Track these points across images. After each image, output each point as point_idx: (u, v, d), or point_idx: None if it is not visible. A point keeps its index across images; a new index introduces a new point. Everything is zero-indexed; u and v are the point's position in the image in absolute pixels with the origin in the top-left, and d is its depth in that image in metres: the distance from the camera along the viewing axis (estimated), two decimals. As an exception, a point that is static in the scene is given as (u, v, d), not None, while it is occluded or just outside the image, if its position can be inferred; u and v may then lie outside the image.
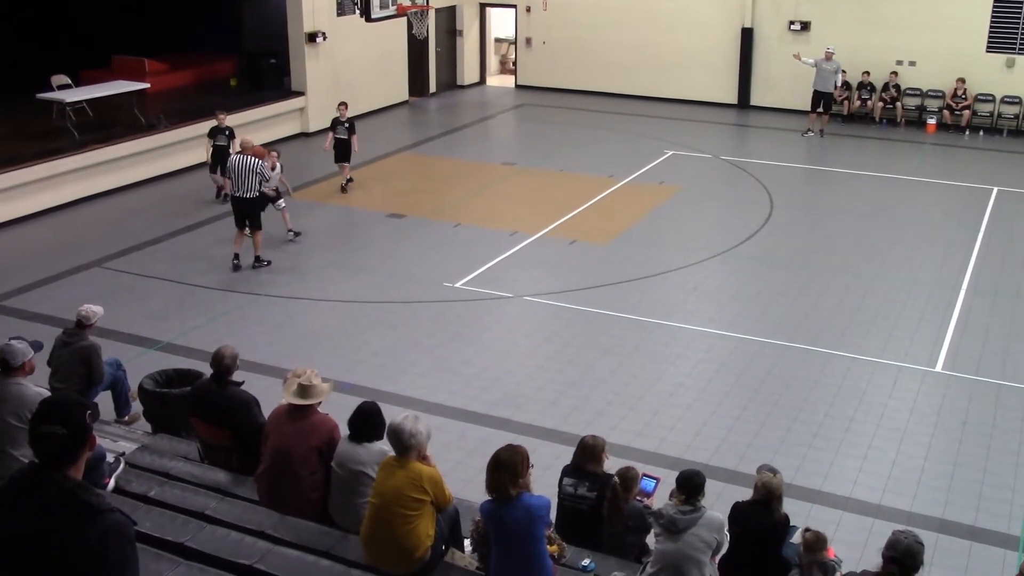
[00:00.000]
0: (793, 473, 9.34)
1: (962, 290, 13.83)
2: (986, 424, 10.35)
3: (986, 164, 20.83)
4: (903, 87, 23.90)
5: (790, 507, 8.32)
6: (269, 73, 22.37)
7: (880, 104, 23.88)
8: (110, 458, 7.22)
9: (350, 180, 18.14)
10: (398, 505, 6.06)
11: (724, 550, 6.55)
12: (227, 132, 17.11)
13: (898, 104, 23.75)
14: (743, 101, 25.57)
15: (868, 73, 23.86)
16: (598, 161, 20.35)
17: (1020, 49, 22.93)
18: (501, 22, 29.09)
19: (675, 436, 10.05)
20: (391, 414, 6.52)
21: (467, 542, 6.64)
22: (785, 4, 24.58)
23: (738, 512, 6.74)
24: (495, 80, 29.32)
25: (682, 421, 10.35)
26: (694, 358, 11.86)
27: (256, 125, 20.79)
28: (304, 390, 6.78)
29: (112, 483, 6.99)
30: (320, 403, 6.98)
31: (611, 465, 7.33)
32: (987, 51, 23.17)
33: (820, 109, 22.60)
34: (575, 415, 10.44)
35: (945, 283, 14.05)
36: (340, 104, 18.11)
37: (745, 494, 7.12)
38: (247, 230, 14.31)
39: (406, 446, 6.12)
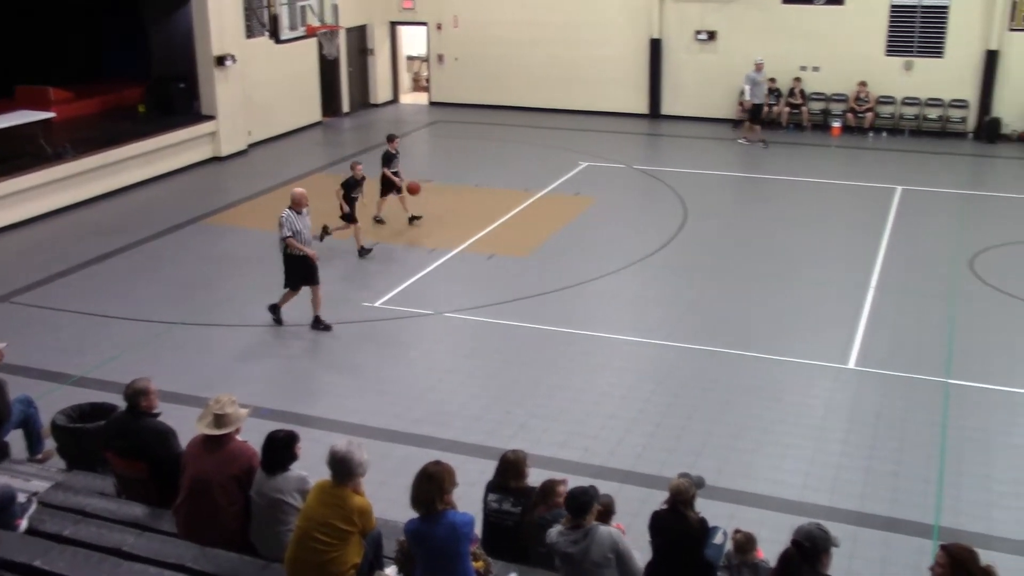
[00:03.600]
0: (716, 475, 9.47)
1: (871, 288, 14.20)
2: (898, 417, 10.63)
3: (890, 164, 21.43)
4: (808, 92, 24.51)
5: (715, 509, 8.48)
6: (178, 98, 22.04)
7: (787, 109, 24.44)
8: (22, 498, 7.03)
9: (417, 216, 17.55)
10: (324, 533, 6.02)
11: (634, 560, 6.54)
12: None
13: (804, 109, 24.33)
14: (654, 111, 25.96)
15: (774, 80, 24.37)
16: (514, 175, 20.47)
17: (917, 52, 23.67)
18: (412, 40, 29.08)
19: (598, 445, 10.13)
20: (314, 438, 6.49)
21: (390, 570, 6.58)
22: (691, 14, 25.04)
23: (655, 521, 6.81)
24: (408, 98, 29.31)
25: (605, 430, 10.44)
26: (615, 366, 11.98)
27: (167, 151, 20.51)
28: (219, 419, 6.68)
29: (24, 524, 6.81)
30: (238, 430, 6.88)
31: (536, 478, 7.36)
32: (886, 55, 23.89)
33: (752, 120, 23.11)
34: (499, 429, 10.46)
35: (854, 282, 14.41)
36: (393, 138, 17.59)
37: (669, 499, 7.19)
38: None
39: (350, 474, 6.09)
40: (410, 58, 29.95)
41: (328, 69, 25.36)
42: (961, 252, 15.64)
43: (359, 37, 27.08)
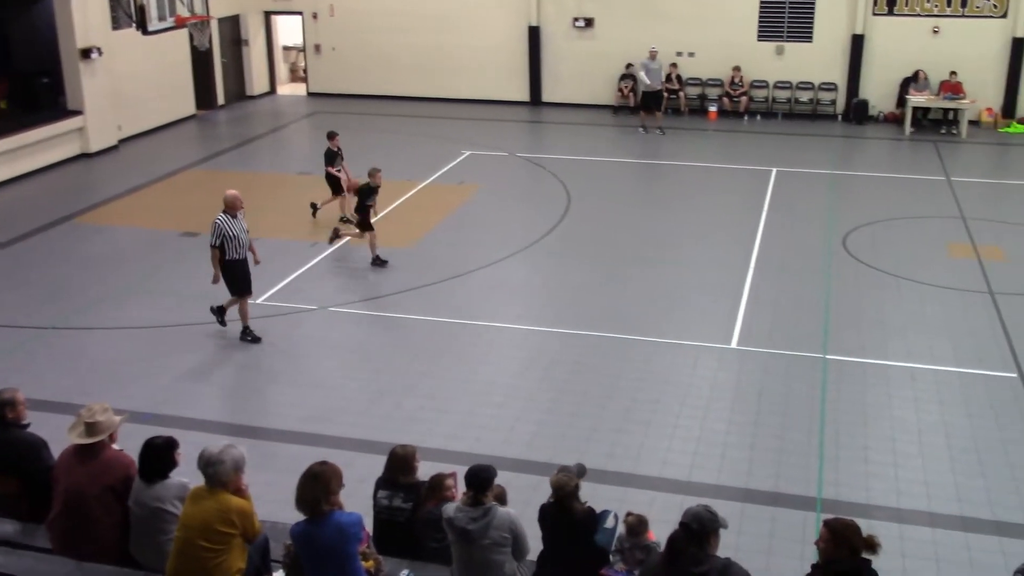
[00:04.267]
0: (606, 460, 9.57)
1: (750, 268, 14.52)
2: (780, 394, 10.89)
3: (765, 147, 21.96)
4: (684, 77, 24.92)
5: (606, 493, 8.56)
6: (42, 93, 21.14)
7: (664, 95, 24.77)
8: None
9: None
10: (204, 539, 5.83)
11: (526, 540, 6.54)
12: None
13: (681, 94, 24.75)
14: (535, 98, 26.06)
15: (675, 65, 24.69)
16: (397, 165, 20.23)
17: (787, 37, 24.29)
18: (288, 29, 28.53)
19: (489, 435, 10.10)
20: (196, 442, 6.27)
21: (278, 574, 6.42)
22: (568, 1, 25.18)
23: (543, 513, 6.81)
24: (286, 89, 28.77)
25: (495, 419, 10.42)
26: (503, 355, 11.97)
27: (32, 148, 19.67)
28: (90, 428, 6.40)
29: None
30: (112, 438, 6.61)
31: (426, 471, 7.28)
32: (758, 40, 24.45)
33: (646, 108, 23.11)
34: (387, 424, 10.33)
35: (734, 263, 14.72)
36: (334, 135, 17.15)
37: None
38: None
39: (211, 476, 5.90)
40: (286, 48, 29.41)
41: (201, 61, 24.66)
42: (834, 230, 16.14)
43: (232, 27, 26.40)
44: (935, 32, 23.51)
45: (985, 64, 23.41)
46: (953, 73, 23.06)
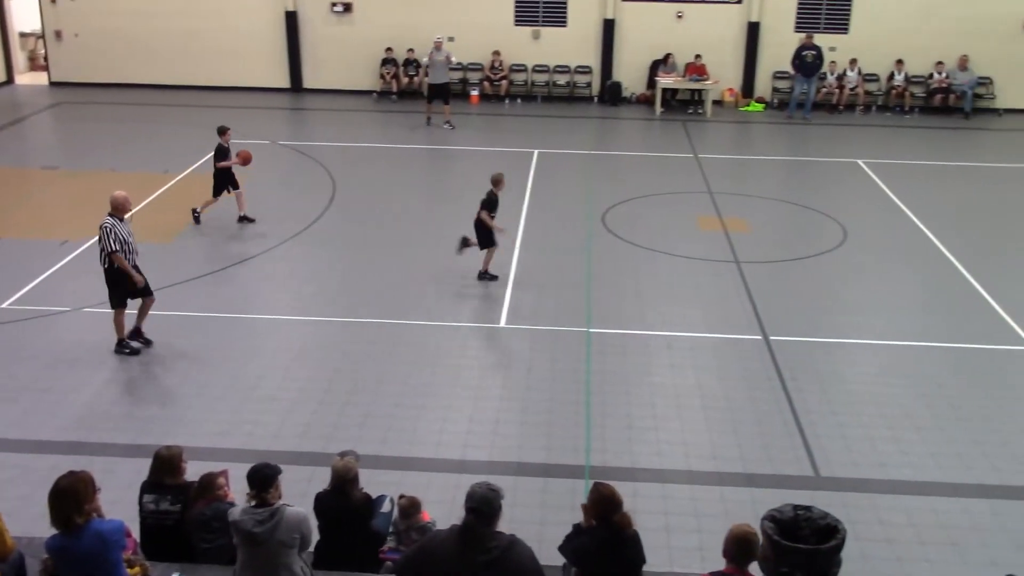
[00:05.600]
0: (380, 445, 9.60)
1: (516, 248, 14.89)
2: (547, 369, 11.25)
3: (526, 129, 22.52)
4: (446, 62, 25.12)
5: (382, 478, 8.60)
6: None
7: (427, 79, 24.89)
8: None
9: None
10: (-50, 560, 5.46)
11: (314, 538, 6.55)
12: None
13: (443, 78, 24.92)
14: (296, 85, 25.61)
15: (412, 50, 24.81)
16: (151, 157, 19.46)
17: (543, 22, 24.96)
18: (24, 13, 26.68)
19: (261, 430, 9.91)
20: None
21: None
22: (325, -14, 24.88)
23: (320, 502, 6.79)
24: (25, 78, 26.97)
25: (266, 413, 10.23)
26: (273, 347, 11.75)
27: None
28: None
29: None
30: None
31: (196, 471, 7.08)
32: (515, 24, 25.00)
33: (432, 99, 22.46)
34: (152, 426, 9.94)
35: (501, 243, 14.99)
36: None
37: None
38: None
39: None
40: (23, 35, 27.51)
41: (-75, 49, 22.75)
42: (594, 208, 16.78)
43: (-40, 12, 24.49)
44: (679, 17, 24.79)
45: (725, 47, 24.92)
46: (697, 56, 24.40)
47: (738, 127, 23.68)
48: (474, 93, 24.89)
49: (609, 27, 24.82)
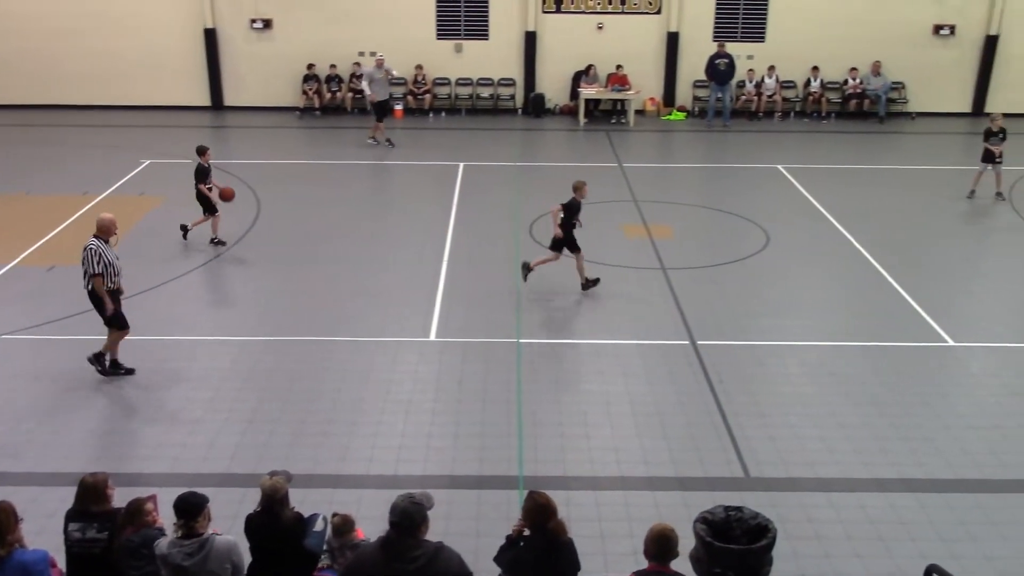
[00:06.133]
0: (312, 464, 9.51)
1: (444, 262, 14.88)
2: (479, 380, 11.24)
3: (451, 142, 22.53)
4: (368, 77, 25.05)
5: (313, 496, 8.52)
6: None
7: (350, 95, 24.84)
8: None
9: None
10: None
11: (244, 567, 6.46)
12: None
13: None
14: (217, 102, 25.30)
15: (335, 66, 24.70)
16: (68, 179, 19.06)
17: (465, 35, 25.03)
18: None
19: (188, 453, 9.75)
20: None
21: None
22: (245, 2, 24.62)
23: (250, 524, 6.70)
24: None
25: (193, 435, 10.06)
26: (198, 369, 11.56)
27: None
28: None
29: None
30: None
31: (123, 498, 6.93)
32: (437, 38, 25.02)
33: (379, 118, 22.11)
34: (77, 453, 9.72)
35: (429, 258, 15.03)
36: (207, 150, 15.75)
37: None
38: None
39: None
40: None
41: None
42: (521, 219, 16.84)
43: None
44: (600, 28, 25.05)
45: (646, 57, 25.24)
46: (619, 66, 24.67)
47: (661, 136, 23.99)
48: (398, 107, 24.84)
49: (531, 39, 24.98)
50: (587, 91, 24.56)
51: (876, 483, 9.34)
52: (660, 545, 5.79)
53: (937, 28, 25.03)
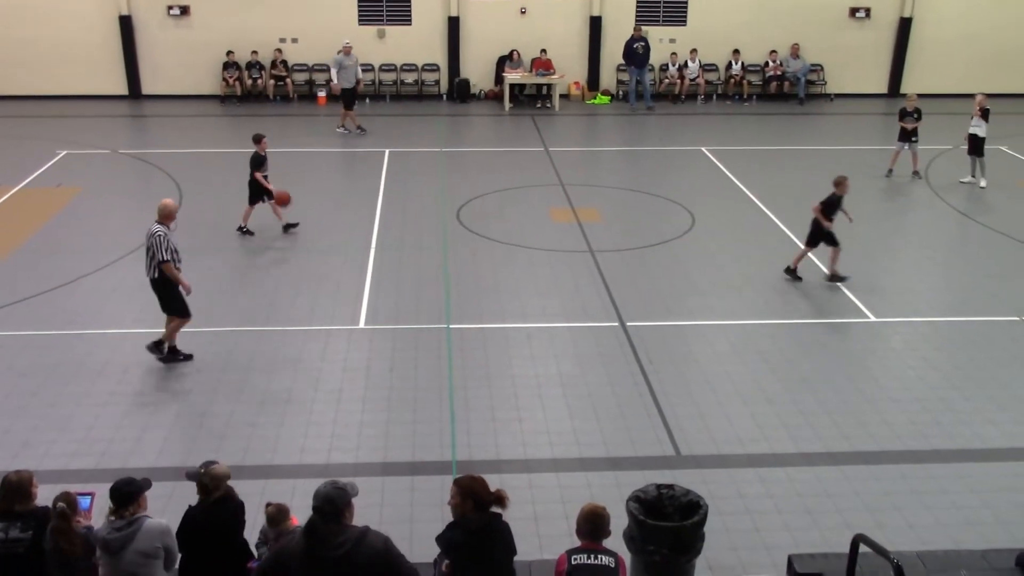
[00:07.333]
0: (243, 455, 9.39)
1: (372, 249, 14.78)
2: (409, 367, 11.20)
3: (376, 129, 22.34)
4: (291, 63, 24.74)
5: (246, 488, 8.37)
6: None
7: (272, 82, 24.49)
8: None
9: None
10: None
11: (176, 552, 6.36)
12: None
13: (288, 80, 24.56)
14: (134, 91, 24.76)
15: (256, 52, 24.34)
16: (-19, 171, 18.50)
17: (387, 21, 24.82)
18: None
19: (116, 447, 9.55)
20: None
21: None
22: (161, -12, 24.12)
23: (189, 517, 6.59)
24: None
25: (121, 430, 9.86)
26: (122, 363, 11.32)
27: None
28: None
29: None
30: None
31: (47, 495, 6.76)
32: (360, 24, 24.78)
33: (347, 106, 21.84)
34: (-2, 451, 9.48)
35: (357, 245, 14.92)
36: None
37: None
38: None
39: None
40: None
41: None
42: (448, 205, 16.80)
43: None
44: (523, 13, 25.05)
45: (569, 41, 25.32)
46: (543, 51, 24.71)
47: (586, 119, 24.10)
48: (321, 94, 24.58)
49: (454, 24, 24.87)
50: (512, 76, 24.56)
51: (803, 457, 9.53)
52: (592, 523, 5.84)
53: (853, 11, 25.54)
